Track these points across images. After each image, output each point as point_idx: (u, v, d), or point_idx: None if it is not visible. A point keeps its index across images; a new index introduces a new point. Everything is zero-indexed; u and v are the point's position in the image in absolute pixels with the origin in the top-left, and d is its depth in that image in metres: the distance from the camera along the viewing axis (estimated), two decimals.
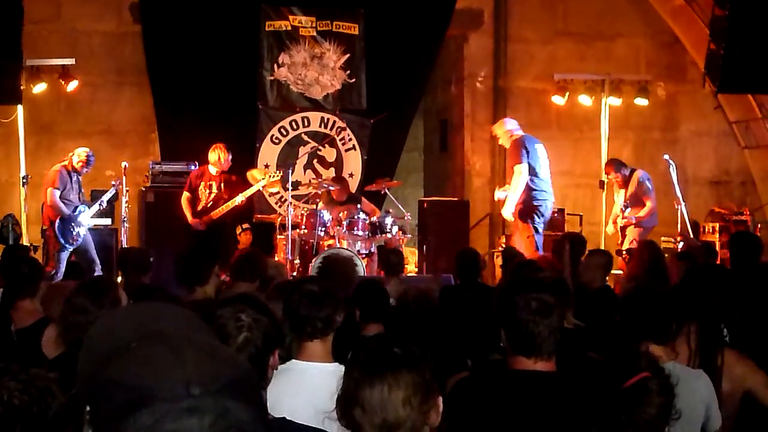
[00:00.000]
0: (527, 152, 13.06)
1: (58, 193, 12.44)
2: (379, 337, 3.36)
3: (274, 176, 13.35)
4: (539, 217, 13.15)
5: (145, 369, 1.46)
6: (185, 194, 13.05)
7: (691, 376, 4.58)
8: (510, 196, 13.07)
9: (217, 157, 12.96)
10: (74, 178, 12.68)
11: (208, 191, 12.98)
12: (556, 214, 14.53)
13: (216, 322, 3.29)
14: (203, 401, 1.43)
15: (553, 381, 3.93)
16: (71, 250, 12.61)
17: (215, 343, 1.57)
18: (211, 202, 12.95)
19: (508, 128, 13.45)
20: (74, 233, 12.48)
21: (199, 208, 12.97)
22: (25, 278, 6.66)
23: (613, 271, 12.48)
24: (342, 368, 4.20)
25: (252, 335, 3.31)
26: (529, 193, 13.02)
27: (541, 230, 13.18)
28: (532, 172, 13.05)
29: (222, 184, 13.02)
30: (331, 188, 13.79)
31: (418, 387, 2.78)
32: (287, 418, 3.50)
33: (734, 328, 5.61)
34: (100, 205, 13.02)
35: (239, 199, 12.92)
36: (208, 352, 1.52)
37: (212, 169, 13.07)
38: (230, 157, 13.04)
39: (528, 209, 13.07)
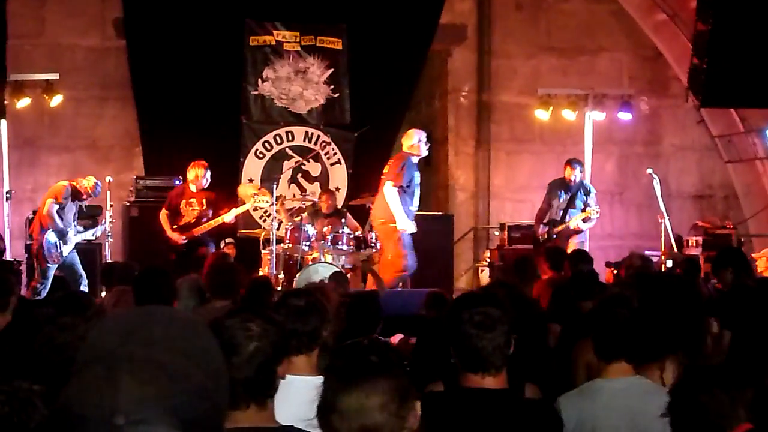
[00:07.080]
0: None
1: (56, 206, 12.22)
2: (355, 344, 3.37)
3: (260, 202, 13.22)
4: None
5: (79, 394, 1.46)
6: (164, 211, 12.86)
7: (654, 390, 4.45)
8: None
9: (194, 175, 12.74)
10: (74, 201, 12.51)
11: (190, 208, 12.81)
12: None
13: (225, 332, 3.27)
14: (130, 429, 1.42)
15: (502, 398, 3.89)
16: (56, 266, 12.49)
17: (170, 360, 1.51)
18: (194, 219, 12.81)
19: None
20: (58, 251, 12.31)
21: (182, 223, 12.78)
22: None
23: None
24: None
25: (261, 344, 3.30)
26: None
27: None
28: None
29: (204, 201, 12.85)
30: (318, 200, 13.80)
31: (394, 393, 2.79)
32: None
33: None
34: (93, 235, 13.00)
35: (228, 217, 12.73)
36: (154, 373, 1.48)
37: (192, 187, 12.86)
38: (209, 174, 12.79)
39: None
